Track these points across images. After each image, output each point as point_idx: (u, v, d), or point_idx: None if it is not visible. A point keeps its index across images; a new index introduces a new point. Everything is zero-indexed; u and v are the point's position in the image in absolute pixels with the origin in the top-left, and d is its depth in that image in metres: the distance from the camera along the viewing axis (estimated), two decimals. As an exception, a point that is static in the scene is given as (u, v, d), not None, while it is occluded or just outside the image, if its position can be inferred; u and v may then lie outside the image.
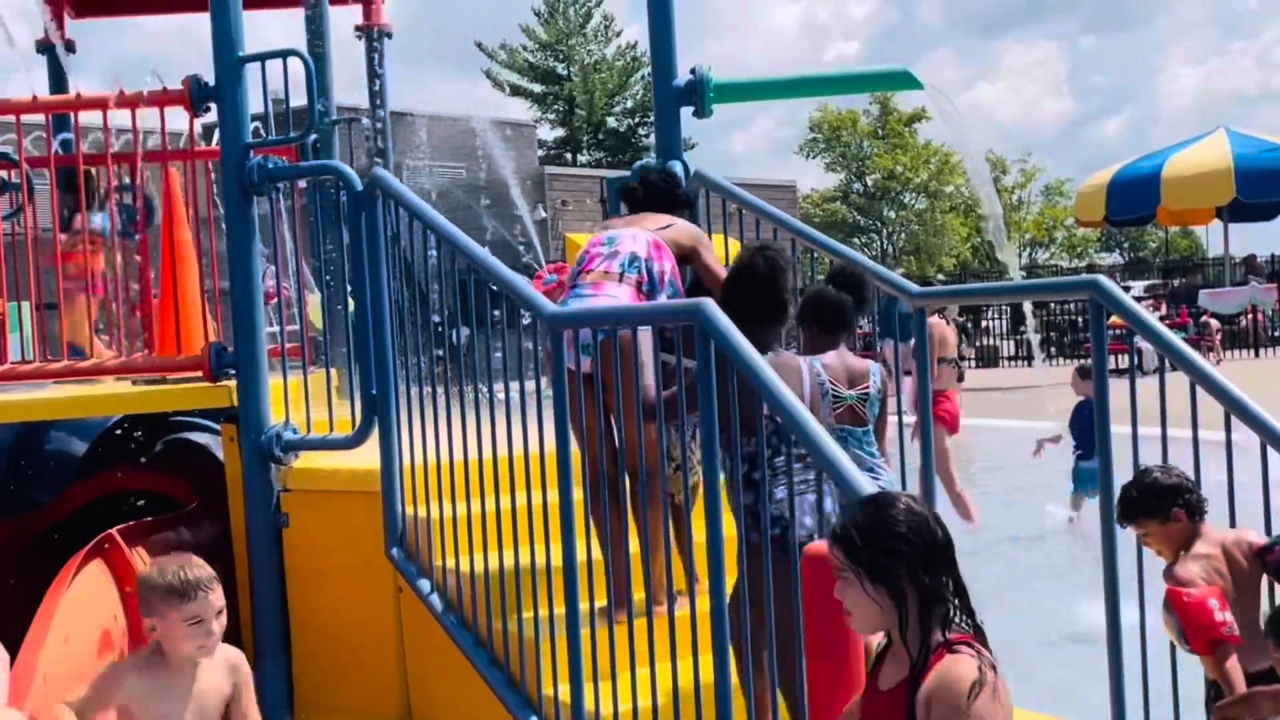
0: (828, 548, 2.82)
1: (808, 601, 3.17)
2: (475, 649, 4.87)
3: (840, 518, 2.84)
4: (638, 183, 5.49)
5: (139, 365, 6.03)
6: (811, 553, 3.12)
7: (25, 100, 5.89)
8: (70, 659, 4.55)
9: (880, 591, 2.69)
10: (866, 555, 2.69)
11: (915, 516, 2.70)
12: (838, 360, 4.90)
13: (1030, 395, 18.44)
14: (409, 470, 5.26)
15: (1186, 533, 4.37)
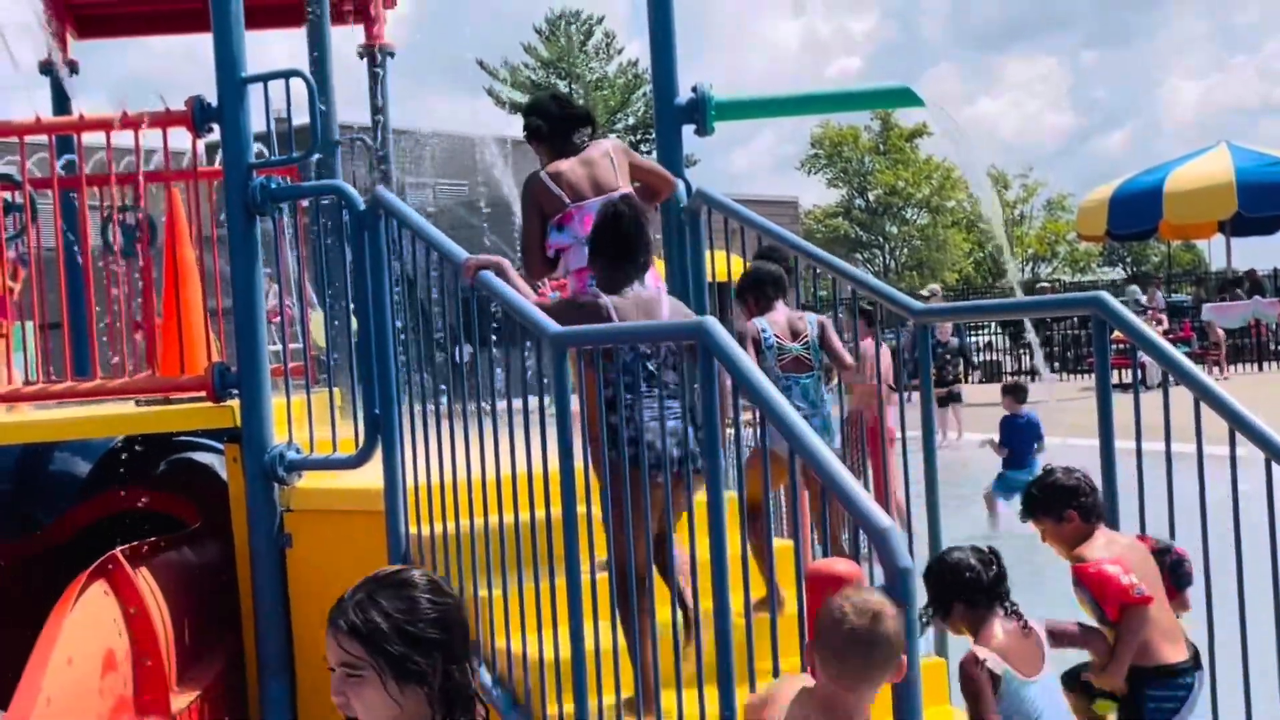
0: (330, 640, 2.52)
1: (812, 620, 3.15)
2: (479, 668, 4.85)
3: (352, 605, 2.51)
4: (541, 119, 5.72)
5: (142, 386, 6.03)
6: (820, 571, 3.10)
7: (28, 121, 5.90)
8: (74, 680, 4.54)
9: (406, 690, 2.40)
10: (396, 648, 2.40)
11: (442, 600, 2.44)
12: (782, 317, 5.65)
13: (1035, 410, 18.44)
14: (412, 489, 5.25)
15: (1080, 534, 4.51)
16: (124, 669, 4.99)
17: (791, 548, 4.10)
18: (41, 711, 4.21)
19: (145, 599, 5.15)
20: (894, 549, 3.16)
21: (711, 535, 3.71)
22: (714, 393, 3.72)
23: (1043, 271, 55.95)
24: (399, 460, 5.28)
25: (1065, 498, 4.53)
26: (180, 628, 5.44)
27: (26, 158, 6.11)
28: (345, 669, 2.45)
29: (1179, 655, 4.39)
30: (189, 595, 5.70)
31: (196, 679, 5.52)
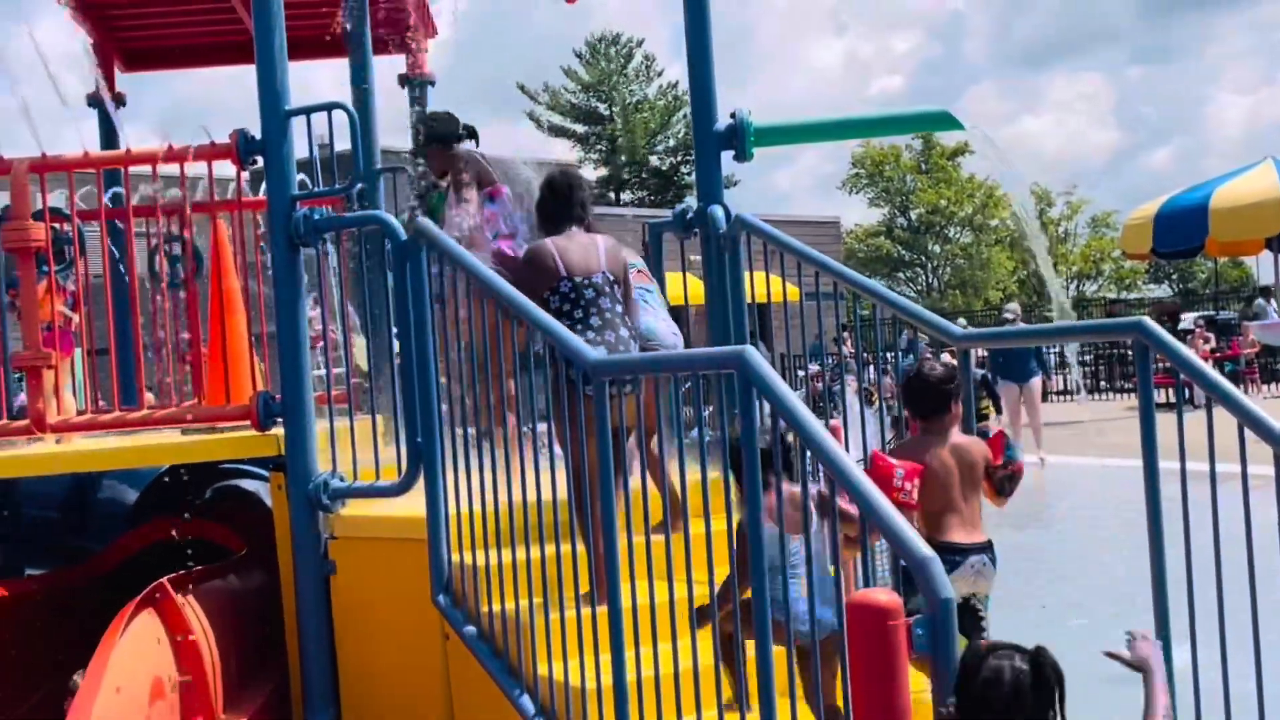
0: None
1: (854, 655, 3.15)
2: (522, 697, 4.86)
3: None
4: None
5: (188, 415, 6.10)
6: (860, 602, 3.09)
7: (77, 156, 5.99)
8: (122, 708, 4.58)
9: None
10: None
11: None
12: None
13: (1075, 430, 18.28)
14: (455, 517, 5.28)
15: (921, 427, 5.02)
16: (171, 697, 5.04)
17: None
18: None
19: (192, 627, 5.20)
20: (935, 579, 3.15)
21: (752, 561, 3.71)
22: (753, 421, 3.72)
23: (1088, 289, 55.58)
24: (441, 488, 5.31)
25: (906, 399, 5.11)
26: (226, 655, 5.49)
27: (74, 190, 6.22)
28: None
29: (968, 539, 4.88)
30: (235, 623, 5.75)
31: (242, 706, 5.56)
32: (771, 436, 3.72)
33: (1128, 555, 9.04)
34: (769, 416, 3.77)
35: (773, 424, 3.68)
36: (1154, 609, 4.57)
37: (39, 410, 5.85)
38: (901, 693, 3.10)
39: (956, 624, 3.15)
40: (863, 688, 3.12)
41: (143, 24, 9.04)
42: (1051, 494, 12.68)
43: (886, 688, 3.08)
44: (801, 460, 3.74)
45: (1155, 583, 4.59)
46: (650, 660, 4.24)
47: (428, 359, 5.38)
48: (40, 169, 5.87)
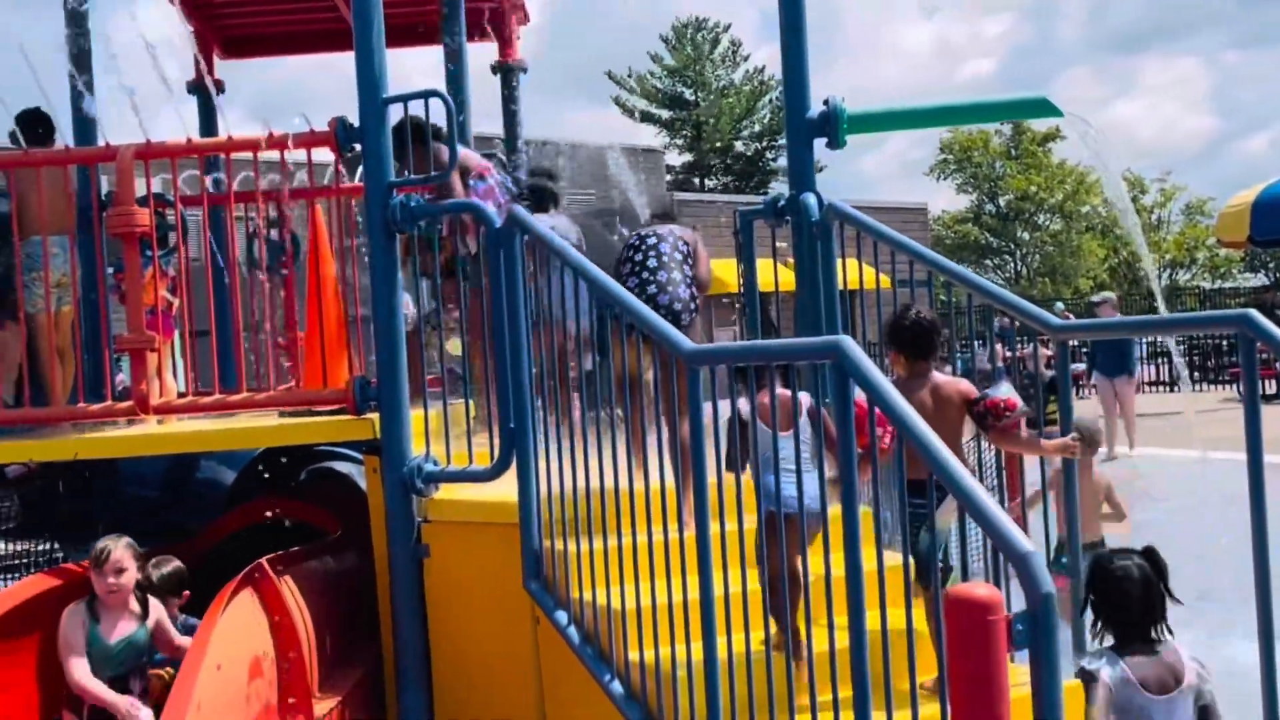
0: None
1: (952, 650, 3.12)
2: (613, 682, 4.89)
3: None
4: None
5: (286, 398, 6.20)
6: (959, 596, 3.06)
7: (180, 143, 6.10)
8: (223, 686, 4.67)
9: None
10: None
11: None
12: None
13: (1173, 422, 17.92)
14: (547, 502, 5.32)
15: (905, 367, 5.18)
16: (269, 674, 5.13)
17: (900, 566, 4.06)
18: (193, 716, 4.33)
19: (289, 606, 5.29)
20: (1036, 574, 3.11)
21: (847, 555, 3.69)
22: (849, 412, 3.70)
23: (1181, 278, 54.48)
24: (533, 473, 5.35)
25: (891, 337, 5.21)
26: (322, 635, 5.58)
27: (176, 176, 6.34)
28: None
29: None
30: (330, 603, 5.84)
31: (337, 686, 5.64)
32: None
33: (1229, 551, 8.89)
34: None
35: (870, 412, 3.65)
36: (1257, 608, 4.48)
37: (142, 392, 5.97)
38: (1001, 688, 3.08)
39: (1057, 617, 3.12)
40: (962, 682, 3.09)
41: (242, 12, 9.19)
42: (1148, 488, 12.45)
43: (986, 683, 3.05)
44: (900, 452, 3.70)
45: (1259, 580, 4.49)
46: (743, 645, 4.22)
47: (521, 345, 5.42)
48: (144, 155, 5.98)
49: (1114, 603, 4.09)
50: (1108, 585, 4.10)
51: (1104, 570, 4.13)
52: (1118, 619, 4.10)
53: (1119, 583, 4.08)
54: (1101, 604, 4.13)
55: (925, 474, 3.79)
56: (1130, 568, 4.09)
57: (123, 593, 5.30)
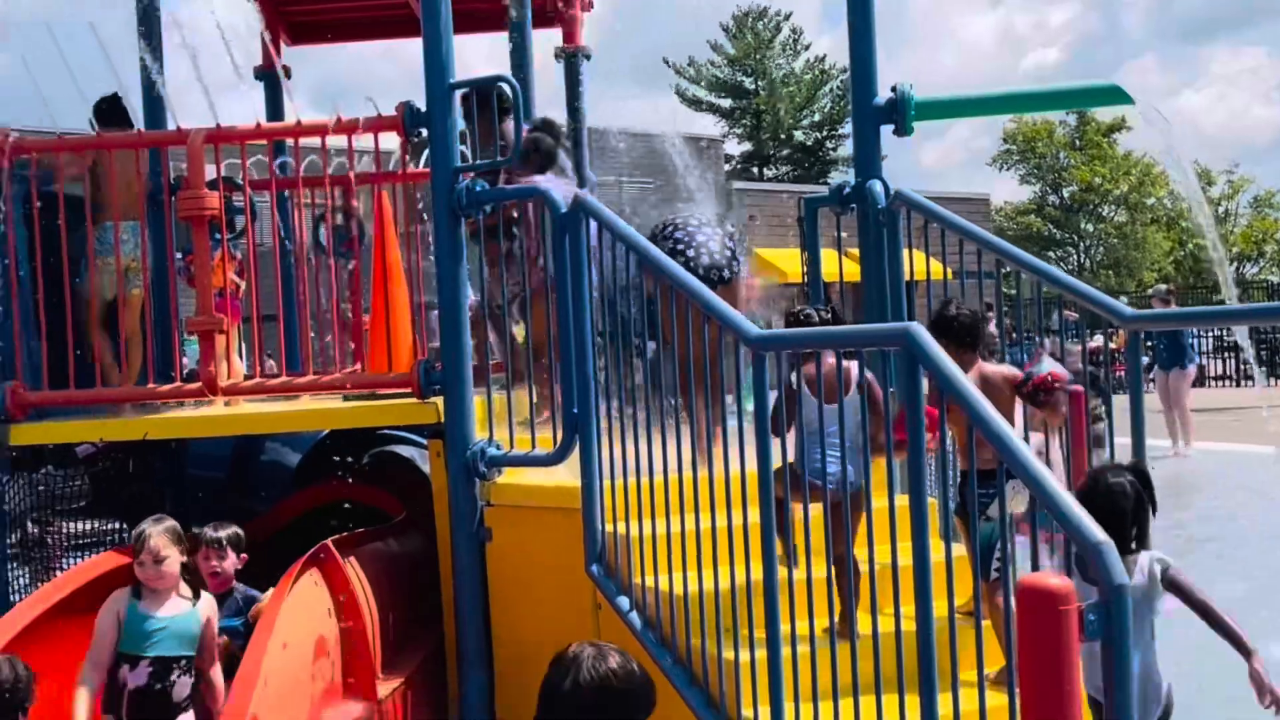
0: None
1: (1023, 640, 3.09)
2: (674, 667, 4.89)
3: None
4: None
5: (351, 382, 6.24)
6: (1031, 586, 3.03)
7: (250, 128, 6.16)
8: (289, 664, 4.73)
9: None
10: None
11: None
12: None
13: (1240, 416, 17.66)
14: (609, 488, 5.32)
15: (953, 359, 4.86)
16: (334, 654, 5.18)
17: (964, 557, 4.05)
18: (260, 693, 4.38)
19: (354, 588, 5.34)
20: (1109, 565, 3.08)
21: (915, 540, 3.67)
22: (919, 399, 3.68)
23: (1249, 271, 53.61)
24: (596, 459, 5.36)
25: (940, 330, 5.16)
26: (385, 617, 5.62)
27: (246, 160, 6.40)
28: None
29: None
30: (393, 585, 5.88)
31: (400, 667, 5.69)
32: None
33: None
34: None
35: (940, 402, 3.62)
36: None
37: (210, 374, 6.04)
38: (1071, 679, 3.04)
39: (1131, 610, 3.08)
40: (1031, 672, 3.06)
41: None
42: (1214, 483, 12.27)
43: (1056, 673, 3.02)
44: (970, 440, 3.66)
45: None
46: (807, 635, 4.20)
47: (585, 331, 5.42)
48: (215, 140, 6.04)
49: (1107, 516, 4.05)
50: (1102, 499, 4.20)
51: (1099, 485, 4.27)
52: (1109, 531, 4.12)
53: (1113, 497, 4.22)
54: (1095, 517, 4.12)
55: (994, 464, 3.78)
56: (1124, 483, 4.27)
57: (166, 580, 5.03)
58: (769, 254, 32.41)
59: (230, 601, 5.43)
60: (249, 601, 5.44)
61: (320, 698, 5.00)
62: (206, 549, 5.46)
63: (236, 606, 5.44)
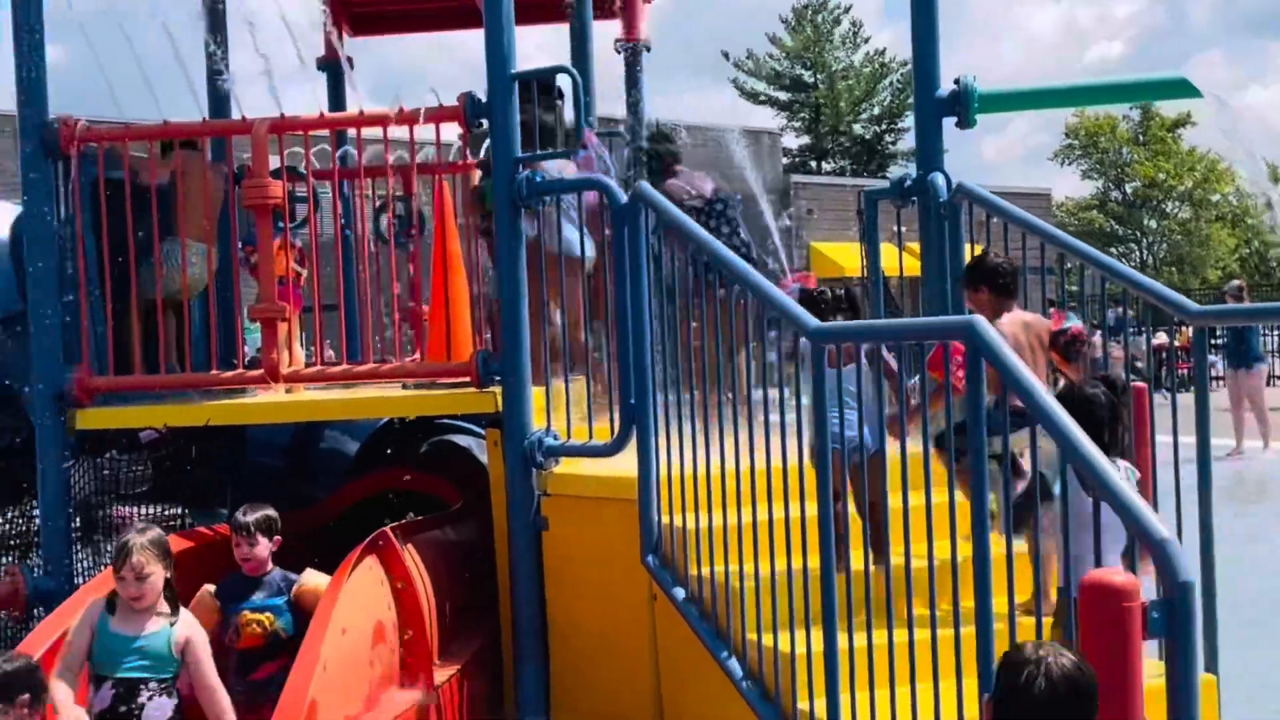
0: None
1: (1086, 636, 3.06)
2: (730, 660, 4.89)
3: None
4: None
5: (411, 370, 6.28)
6: (1095, 582, 3.00)
7: (313, 117, 6.21)
8: (347, 649, 4.77)
9: None
10: None
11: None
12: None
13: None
14: (666, 479, 5.32)
15: (993, 305, 5.47)
16: (391, 640, 5.22)
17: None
18: (319, 677, 4.43)
19: (412, 574, 5.37)
20: (1174, 562, 3.04)
21: (975, 535, 3.65)
22: (980, 393, 3.65)
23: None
24: (653, 449, 5.36)
25: (982, 275, 5.53)
26: (442, 604, 5.66)
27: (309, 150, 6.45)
28: None
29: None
30: (450, 573, 5.91)
31: (456, 654, 5.72)
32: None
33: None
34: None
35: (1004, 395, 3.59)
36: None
37: (273, 361, 6.10)
38: (1135, 676, 3.01)
39: (1198, 608, 3.05)
40: (1095, 667, 3.03)
41: (374, -11, 9.29)
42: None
43: (1119, 670, 2.99)
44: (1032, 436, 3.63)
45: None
46: (863, 630, 4.19)
47: (643, 322, 5.43)
48: (279, 129, 6.10)
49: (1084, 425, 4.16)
50: (1079, 409, 4.22)
51: (1076, 396, 4.43)
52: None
53: (1090, 406, 4.38)
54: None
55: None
56: (1099, 394, 4.47)
57: (146, 598, 4.69)
58: (826, 248, 32.27)
59: (269, 582, 5.26)
60: (288, 582, 5.27)
61: (378, 683, 5.05)
62: (236, 536, 5.27)
63: (276, 587, 5.25)
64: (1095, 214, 52.90)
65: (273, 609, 5.18)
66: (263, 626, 5.14)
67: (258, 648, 5.14)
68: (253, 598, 5.20)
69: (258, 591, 5.23)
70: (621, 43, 9.07)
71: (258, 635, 5.14)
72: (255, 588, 5.24)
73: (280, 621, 5.16)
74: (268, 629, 5.14)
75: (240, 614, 5.15)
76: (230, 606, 5.18)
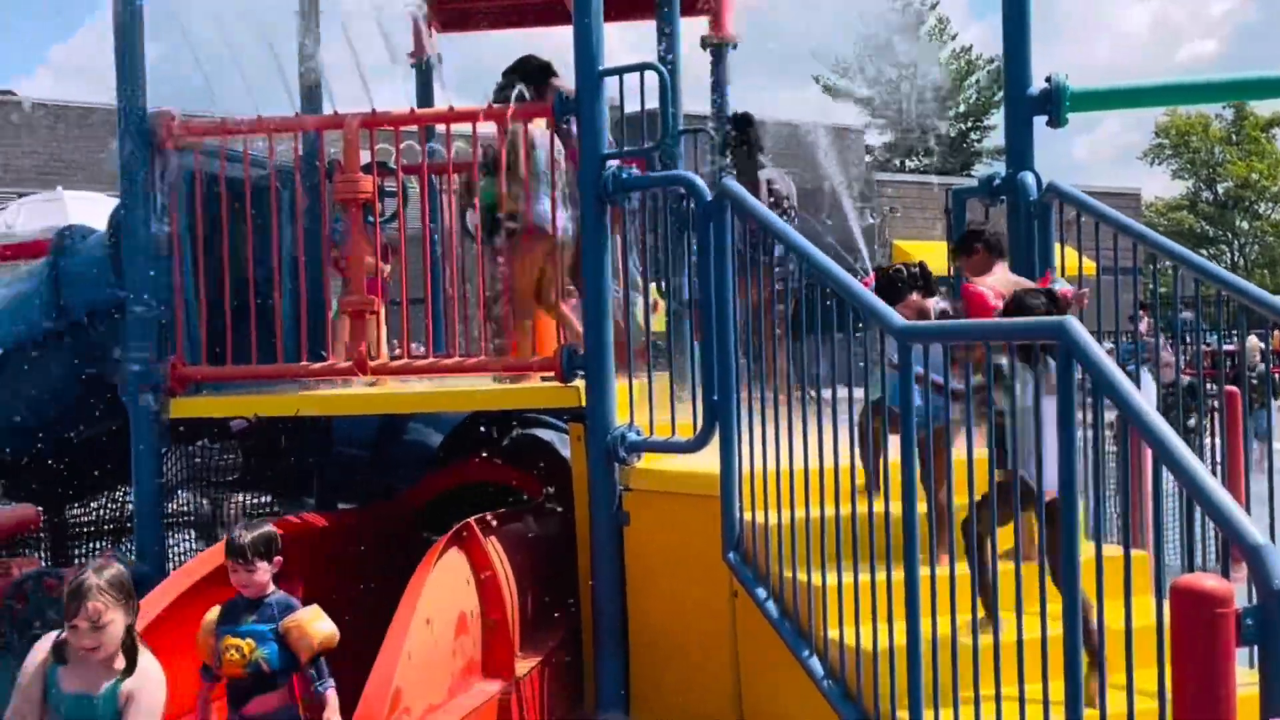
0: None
1: (1178, 642, 3.01)
2: (812, 658, 4.87)
3: None
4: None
5: (497, 364, 6.33)
6: (1187, 587, 2.96)
7: (403, 112, 6.28)
8: (431, 639, 4.82)
9: None
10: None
11: None
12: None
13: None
14: (748, 476, 5.32)
15: (983, 265, 5.97)
16: (474, 631, 5.27)
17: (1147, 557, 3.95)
18: (404, 666, 4.49)
19: (495, 567, 5.42)
20: (1269, 568, 2.99)
21: (1064, 544, 3.61)
22: (1072, 395, 3.61)
23: None
24: (736, 446, 5.36)
25: (975, 236, 6.02)
26: (524, 597, 5.70)
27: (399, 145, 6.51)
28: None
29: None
30: (531, 566, 5.95)
31: (537, 647, 5.76)
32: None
33: None
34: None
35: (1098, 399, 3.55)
36: None
37: (361, 353, 6.18)
38: (1227, 683, 2.97)
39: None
40: (1186, 675, 2.99)
41: (463, -14, 9.34)
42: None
43: (1211, 676, 2.96)
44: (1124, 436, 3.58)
45: None
46: (948, 628, 4.16)
47: (727, 318, 5.42)
48: (370, 124, 6.18)
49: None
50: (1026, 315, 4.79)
51: (1022, 306, 4.84)
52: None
53: (1031, 314, 4.75)
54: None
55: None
56: (1042, 303, 4.84)
57: (103, 649, 4.07)
58: (909, 246, 31.97)
59: (264, 607, 4.67)
60: (284, 610, 4.67)
61: (460, 673, 5.10)
62: (231, 561, 4.67)
63: (270, 614, 4.65)
64: (1185, 214, 51.97)
65: (255, 635, 4.58)
66: (240, 654, 4.56)
67: (240, 679, 4.60)
68: (241, 622, 4.63)
69: (250, 615, 4.65)
70: (710, 38, 9.03)
71: (235, 663, 4.58)
72: (251, 611, 4.66)
73: (262, 650, 4.56)
74: (246, 656, 4.56)
75: (224, 639, 4.61)
76: (222, 629, 4.64)
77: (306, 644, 4.58)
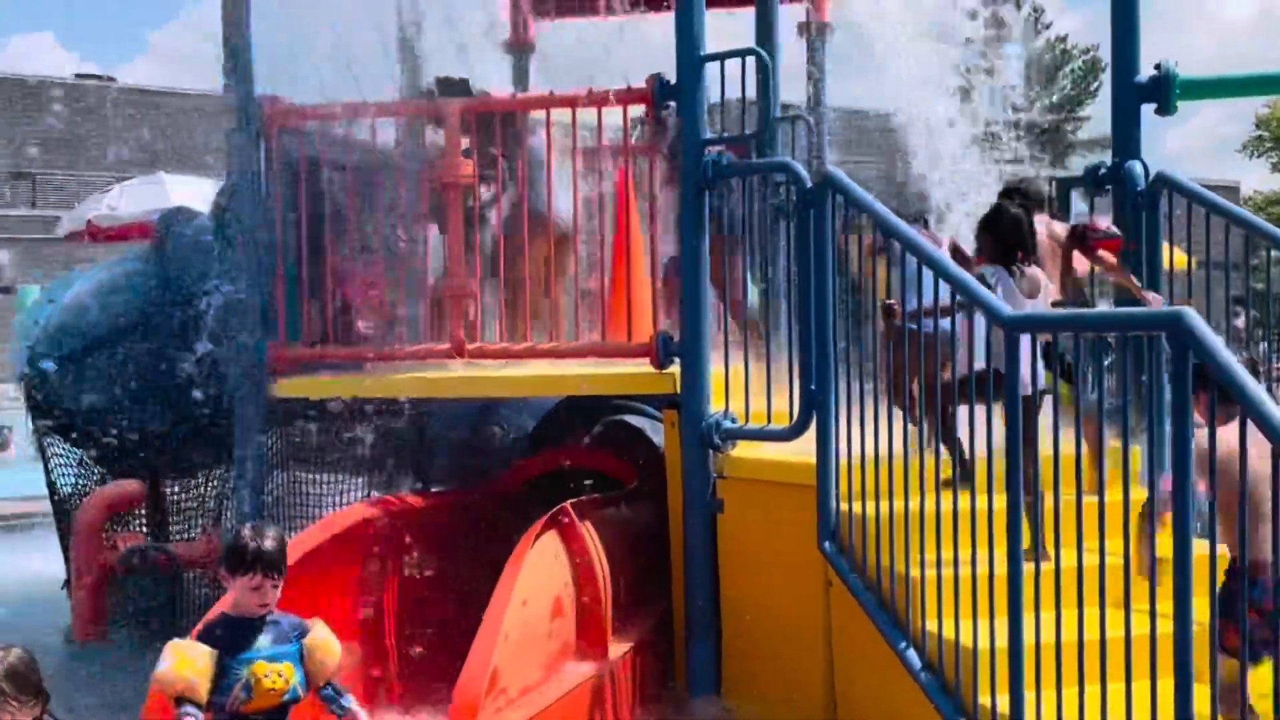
0: None
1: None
2: (908, 650, 4.83)
3: None
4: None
5: (592, 350, 6.34)
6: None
7: (505, 97, 6.32)
8: (527, 621, 4.86)
9: None
10: None
11: None
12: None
13: None
14: (845, 465, 5.28)
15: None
16: (569, 614, 5.30)
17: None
18: (501, 646, 4.52)
19: (590, 551, 5.44)
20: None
21: (1176, 537, 3.54)
22: (1188, 387, 3.53)
23: None
24: (833, 436, 5.32)
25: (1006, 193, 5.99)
26: (617, 581, 5.71)
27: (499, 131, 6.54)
28: None
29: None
30: (625, 551, 5.96)
31: (630, 631, 5.78)
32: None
33: None
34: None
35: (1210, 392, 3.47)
36: None
37: (460, 337, 6.23)
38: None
39: None
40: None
41: (559, -28, 9.37)
42: None
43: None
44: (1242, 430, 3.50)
45: None
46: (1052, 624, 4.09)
47: (826, 307, 5.39)
48: (471, 110, 6.21)
49: (1009, 234, 5.28)
50: (1007, 226, 5.31)
51: (1004, 215, 5.32)
52: (1012, 249, 5.28)
53: (1017, 223, 5.29)
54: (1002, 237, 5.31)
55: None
56: (1022, 213, 5.35)
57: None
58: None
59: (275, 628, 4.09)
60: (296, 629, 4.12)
61: (555, 655, 5.13)
62: (255, 575, 4.01)
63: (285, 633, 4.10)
64: (1286, 208, 50.72)
65: (289, 658, 4.05)
66: (284, 680, 4.01)
67: (274, 709, 4.02)
68: (258, 646, 4.02)
69: (262, 636, 4.04)
70: (807, 25, 8.98)
71: (277, 693, 4.00)
72: (256, 632, 4.05)
73: (298, 675, 4.05)
74: (289, 682, 4.02)
75: (252, 665, 3.96)
76: (231, 658, 3.96)
77: (331, 665, 4.10)
